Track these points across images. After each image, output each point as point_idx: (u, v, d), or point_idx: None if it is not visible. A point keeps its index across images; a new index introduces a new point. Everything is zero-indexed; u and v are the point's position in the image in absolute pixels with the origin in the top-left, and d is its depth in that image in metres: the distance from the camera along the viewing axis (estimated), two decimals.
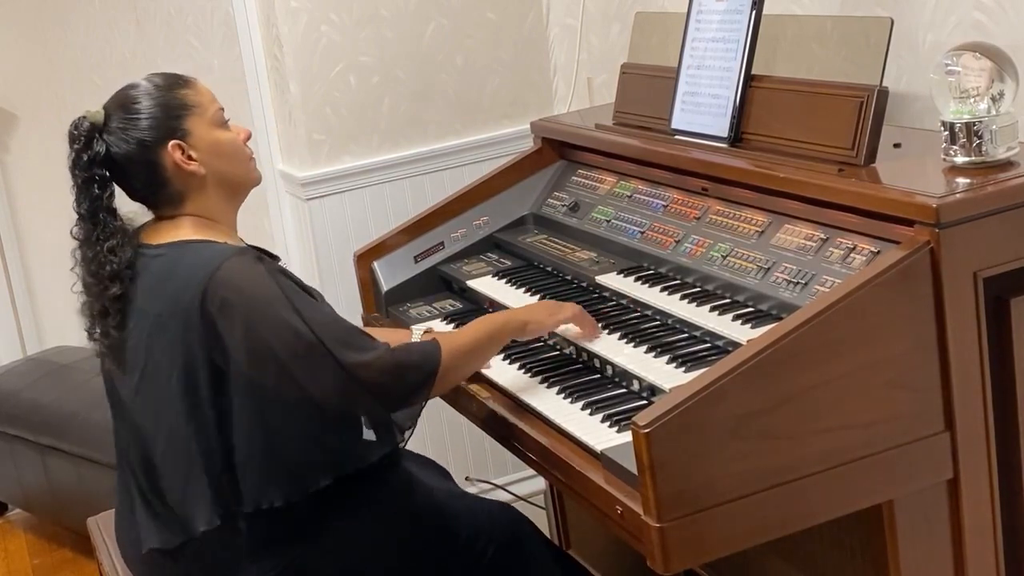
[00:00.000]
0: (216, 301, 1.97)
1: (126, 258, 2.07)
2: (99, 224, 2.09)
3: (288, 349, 1.96)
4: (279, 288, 2.00)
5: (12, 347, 4.48)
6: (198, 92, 2.14)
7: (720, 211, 2.31)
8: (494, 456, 3.57)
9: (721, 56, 2.38)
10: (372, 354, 2.00)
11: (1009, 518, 1.95)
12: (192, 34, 3.84)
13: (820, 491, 1.78)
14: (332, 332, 2.00)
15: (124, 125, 2.08)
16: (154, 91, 2.11)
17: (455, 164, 3.46)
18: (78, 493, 3.68)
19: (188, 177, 2.10)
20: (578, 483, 1.92)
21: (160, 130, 2.08)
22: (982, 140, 1.90)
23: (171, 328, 2.00)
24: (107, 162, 2.08)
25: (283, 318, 1.97)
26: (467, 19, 3.44)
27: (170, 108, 2.10)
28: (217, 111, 2.15)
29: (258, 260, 2.04)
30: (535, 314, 2.22)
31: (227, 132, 2.16)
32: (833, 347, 1.76)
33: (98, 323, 2.09)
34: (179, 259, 2.05)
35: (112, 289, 2.06)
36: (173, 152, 2.08)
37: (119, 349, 2.08)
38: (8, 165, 4.43)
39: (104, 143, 2.08)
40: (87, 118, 2.10)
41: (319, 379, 1.97)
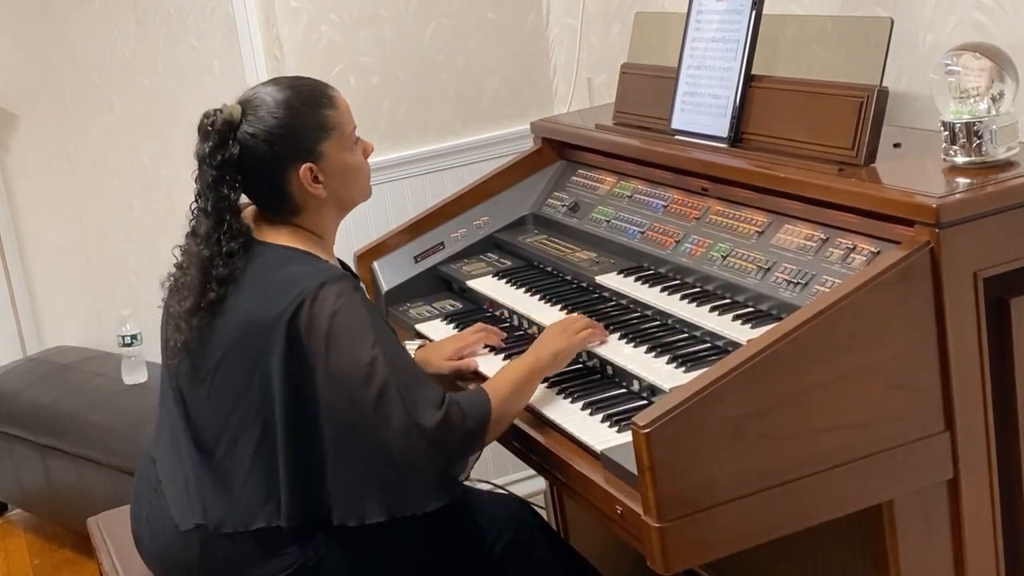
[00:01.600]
0: (307, 320, 1.96)
1: (240, 265, 2.04)
2: (223, 224, 2.03)
3: (362, 380, 1.95)
4: (370, 320, 1.99)
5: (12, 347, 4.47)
6: (339, 112, 2.10)
7: (720, 211, 2.31)
8: (494, 456, 3.56)
9: (721, 56, 2.38)
10: (440, 410, 1.98)
11: (1009, 518, 1.95)
12: (192, 34, 3.84)
13: (820, 491, 1.78)
14: (407, 376, 1.99)
15: (259, 133, 2.04)
16: (297, 104, 2.06)
17: (455, 164, 3.46)
18: (78, 493, 3.68)
19: (309, 197, 2.09)
20: (578, 483, 1.93)
21: (295, 150, 2.05)
22: (982, 140, 1.90)
23: (258, 331, 1.99)
24: (238, 165, 2.04)
25: (365, 350, 1.96)
26: (467, 19, 3.44)
27: (310, 128, 2.06)
28: (352, 132, 2.12)
29: (356, 289, 2.03)
30: (557, 342, 2.17)
31: (356, 156, 2.13)
32: (833, 347, 1.76)
33: (186, 316, 2.04)
34: (280, 266, 2.04)
35: (213, 293, 2.02)
36: (304, 175, 2.06)
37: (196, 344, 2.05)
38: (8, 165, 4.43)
39: (239, 145, 2.03)
40: (223, 113, 2.05)
41: (386, 416, 1.96)
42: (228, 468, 2.05)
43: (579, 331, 2.19)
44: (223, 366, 2.04)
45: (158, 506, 2.14)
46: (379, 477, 2.01)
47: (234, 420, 2.04)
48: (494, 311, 2.62)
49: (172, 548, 2.12)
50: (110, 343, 4.02)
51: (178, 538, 2.10)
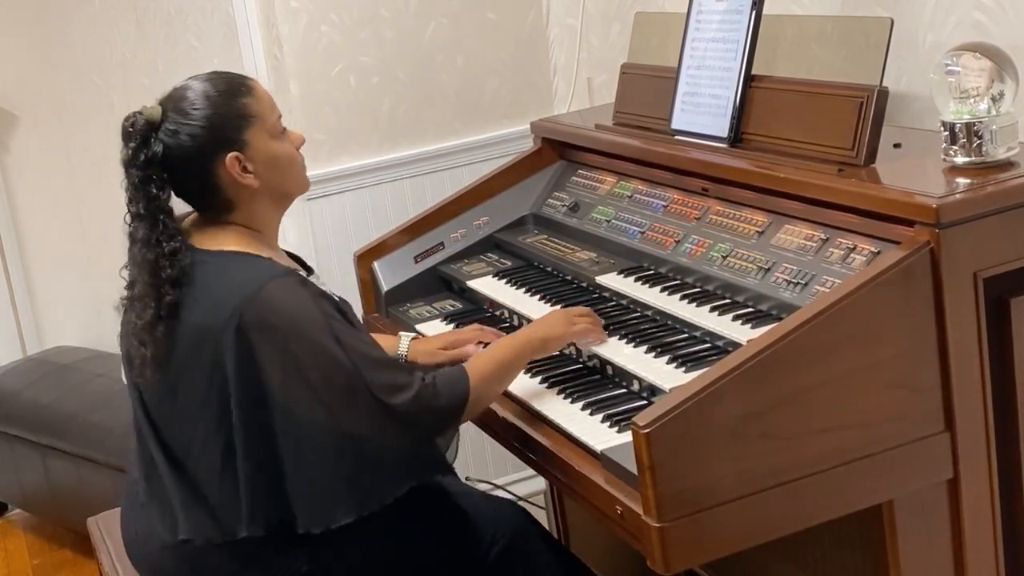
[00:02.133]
0: (255, 322, 1.93)
1: (186, 264, 2.02)
2: (158, 225, 2.03)
3: (324, 377, 1.93)
4: (321, 314, 1.97)
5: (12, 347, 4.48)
6: (259, 100, 2.08)
7: (720, 211, 2.31)
8: (494, 456, 3.57)
9: (721, 56, 2.38)
10: (408, 388, 1.97)
11: (1009, 518, 1.95)
12: (192, 34, 3.84)
13: (820, 491, 1.78)
14: (369, 361, 1.97)
15: (181, 128, 2.03)
16: (215, 96, 2.05)
17: (455, 164, 3.46)
18: (78, 493, 3.68)
19: (241, 188, 2.07)
20: (578, 483, 1.92)
21: (218, 141, 2.03)
22: (982, 140, 1.90)
23: (208, 341, 1.97)
24: (163, 163, 2.04)
25: (322, 344, 1.94)
26: (467, 19, 3.44)
27: (230, 117, 2.05)
28: (276, 120, 2.10)
29: (302, 283, 2.01)
30: (552, 328, 2.19)
31: (284, 144, 2.11)
32: (833, 347, 1.76)
33: (148, 328, 2.01)
34: (223, 271, 2.02)
35: (169, 296, 2.00)
36: (231, 165, 2.04)
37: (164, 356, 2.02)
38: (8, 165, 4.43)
39: (160, 143, 2.03)
40: (143, 115, 2.05)
41: (352, 410, 1.95)
42: (201, 481, 2.02)
43: (577, 323, 2.20)
44: (183, 380, 2.02)
45: (146, 522, 2.13)
46: (345, 477, 1.98)
47: (200, 432, 2.01)
48: (494, 311, 2.62)
49: (164, 562, 2.11)
50: (110, 343, 4.01)
51: (169, 553, 2.08)
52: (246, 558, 2.04)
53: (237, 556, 2.04)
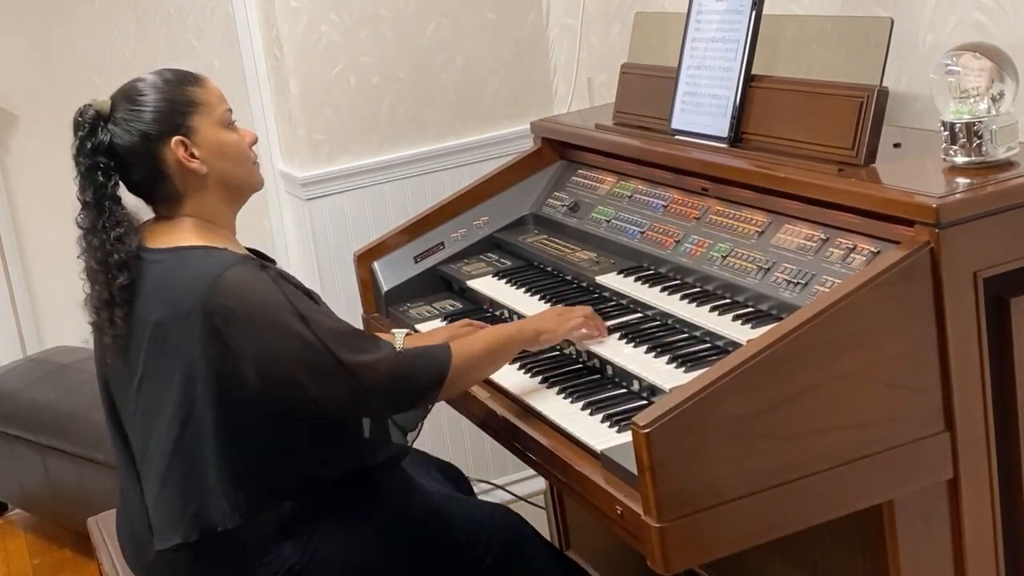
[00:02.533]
0: (220, 311, 1.95)
1: (133, 247, 2.05)
2: (104, 212, 2.07)
3: (295, 357, 1.95)
4: (283, 295, 1.99)
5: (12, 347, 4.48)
6: (207, 90, 2.13)
7: (720, 211, 2.31)
8: (494, 456, 3.57)
9: (721, 56, 2.38)
10: (377, 355, 2.00)
11: (1009, 518, 1.95)
12: (192, 34, 3.84)
13: (820, 491, 1.78)
14: (337, 336, 1.99)
15: (129, 116, 2.07)
16: (162, 85, 2.10)
17: (455, 164, 3.46)
18: (78, 493, 3.68)
19: (189, 175, 2.08)
20: (578, 483, 1.92)
21: (164, 124, 2.06)
22: (982, 140, 1.90)
23: (172, 336, 1.98)
24: (110, 152, 2.07)
25: (289, 326, 1.96)
26: (467, 19, 3.44)
27: (176, 103, 2.08)
28: (224, 112, 2.13)
29: (261, 268, 2.02)
30: (547, 323, 2.21)
31: (232, 134, 2.14)
32: (833, 347, 1.76)
33: (104, 312, 2.06)
34: (179, 266, 2.03)
35: (120, 279, 2.04)
36: (176, 148, 2.06)
37: (124, 345, 2.06)
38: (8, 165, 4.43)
39: (108, 132, 2.07)
40: (92, 106, 2.09)
41: (326, 385, 1.97)
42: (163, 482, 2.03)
43: (574, 321, 2.20)
44: (144, 380, 2.03)
45: (138, 530, 2.13)
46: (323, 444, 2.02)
47: (157, 432, 2.02)
48: (494, 311, 2.62)
49: (159, 566, 2.11)
50: None
51: (162, 557, 2.08)
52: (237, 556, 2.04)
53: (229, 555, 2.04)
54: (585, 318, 2.22)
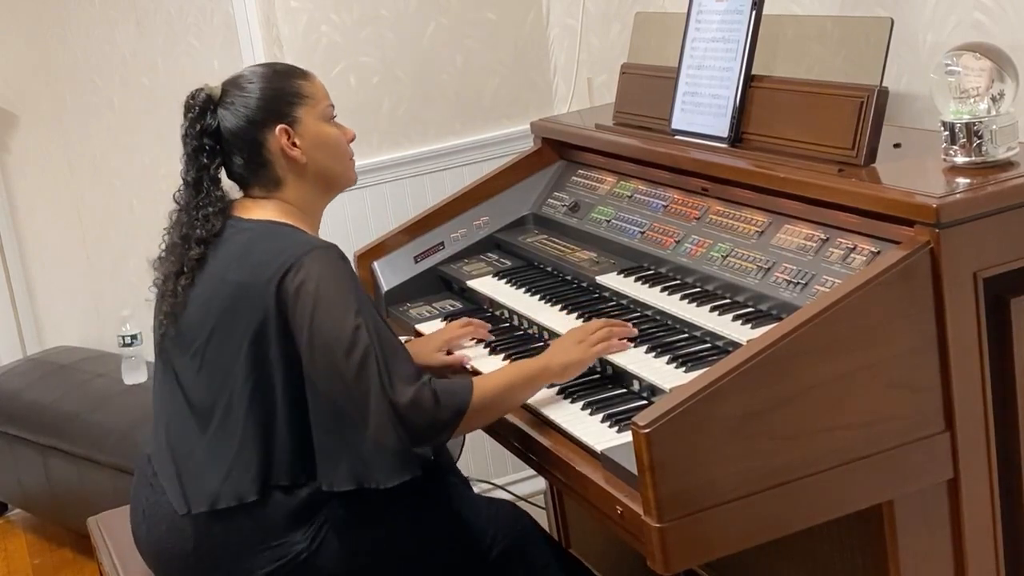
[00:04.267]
0: (294, 286, 2.01)
1: (218, 226, 2.13)
2: (202, 191, 2.15)
3: (344, 348, 1.99)
4: (354, 290, 2.05)
5: (12, 347, 4.48)
6: (313, 85, 2.21)
7: (720, 211, 2.31)
8: (494, 456, 3.57)
9: (721, 56, 2.38)
10: (413, 386, 2.00)
11: (1009, 518, 1.95)
12: (192, 34, 3.84)
13: (820, 491, 1.78)
14: (387, 348, 2.02)
15: (237, 101, 2.15)
16: (271, 75, 2.19)
17: (455, 164, 3.46)
18: (78, 493, 3.68)
19: (289, 163, 2.17)
20: (578, 483, 1.92)
21: (270, 112, 2.15)
22: (982, 140, 1.90)
23: (248, 299, 2.04)
24: (217, 135, 2.16)
25: (349, 316, 2.00)
26: (467, 19, 3.44)
27: (284, 93, 2.17)
28: (328, 107, 2.22)
29: (341, 258, 2.08)
30: (571, 354, 2.14)
31: (334, 129, 2.22)
32: (833, 347, 1.76)
33: (170, 281, 2.13)
34: (269, 236, 2.11)
35: (195, 251, 2.11)
36: (280, 136, 2.15)
37: (182, 310, 2.12)
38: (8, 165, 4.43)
39: (217, 116, 2.15)
40: (204, 90, 2.17)
41: (364, 386, 1.99)
42: (221, 439, 2.07)
43: (596, 343, 2.15)
44: (213, 337, 2.09)
45: (154, 499, 2.16)
46: (350, 446, 2.03)
47: (226, 390, 2.07)
48: (494, 311, 2.62)
49: (167, 540, 2.12)
50: (110, 343, 4.02)
51: (173, 528, 2.10)
52: (248, 536, 2.06)
53: (240, 533, 2.06)
54: (607, 332, 2.17)
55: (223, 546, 2.08)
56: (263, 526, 2.06)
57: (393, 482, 2.03)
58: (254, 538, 2.06)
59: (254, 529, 2.06)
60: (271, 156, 2.16)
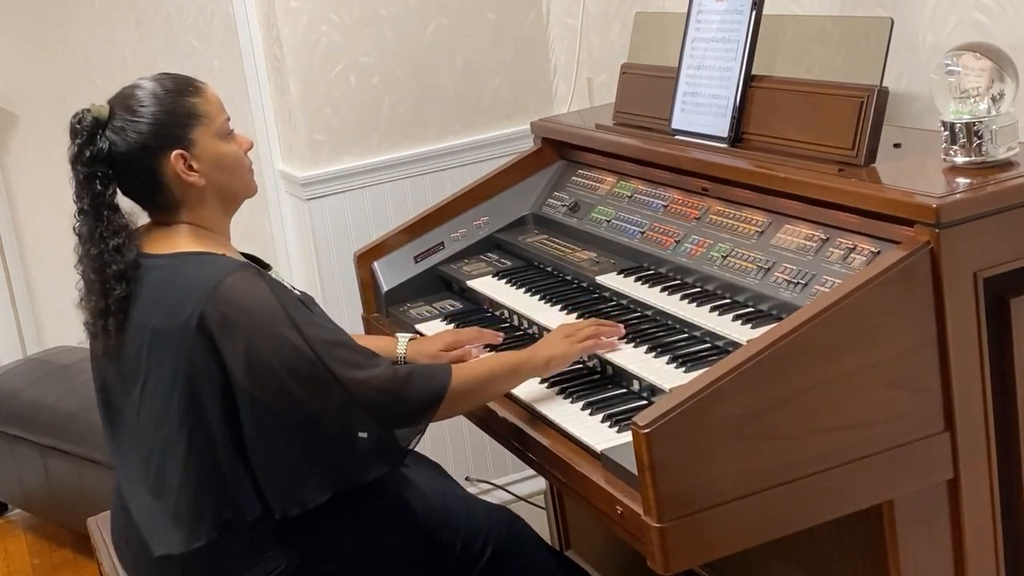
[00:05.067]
0: (216, 317, 1.95)
1: (131, 258, 2.05)
2: (103, 221, 2.06)
3: (287, 366, 1.95)
4: (280, 304, 1.98)
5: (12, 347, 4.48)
6: (207, 101, 2.11)
7: (720, 211, 2.31)
8: (494, 456, 3.57)
9: (721, 56, 2.38)
10: (371, 372, 1.98)
11: (1009, 518, 1.95)
12: (192, 34, 3.84)
13: (820, 491, 1.78)
14: (331, 347, 1.98)
15: (127, 126, 2.05)
16: (162, 95, 2.07)
17: (455, 164, 3.46)
18: (78, 493, 3.68)
19: (187, 187, 2.08)
20: (578, 483, 1.92)
21: (164, 137, 2.05)
22: (982, 140, 1.90)
23: (171, 341, 1.98)
24: (109, 160, 2.05)
25: (283, 335, 1.95)
26: (467, 19, 3.44)
27: (177, 116, 2.07)
28: (224, 122, 2.12)
29: (259, 275, 2.02)
30: (555, 347, 2.16)
31: (230, 145, 2.13)
32: (833, 347, 1.76)
33: (99, 321, 2.06)
34: (178, 272, 2.03)
35: (117, 290, 2.04)
36: (175, 162, 2.06)
37: (118, 354, 2.06)
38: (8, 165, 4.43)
39: (107, 140, 2.05)
40: (91, 112, 2.07)
41: (318, 396, 1.96)
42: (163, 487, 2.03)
43: (583, 340, 2.16)
44: (147, 385, 2.03)
45: (133, 532, 2.12)
46: (314, 458, 2.01)
47: (161, 436, 2.02)
48: (494, 311, 2.62)
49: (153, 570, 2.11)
50: None
51: (155, 564, 2.08)
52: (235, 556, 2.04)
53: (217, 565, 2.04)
54: (595, 330, 2.18)
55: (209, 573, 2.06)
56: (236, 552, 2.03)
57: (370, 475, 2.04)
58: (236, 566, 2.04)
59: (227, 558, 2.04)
60: (167, 181, 2.07)
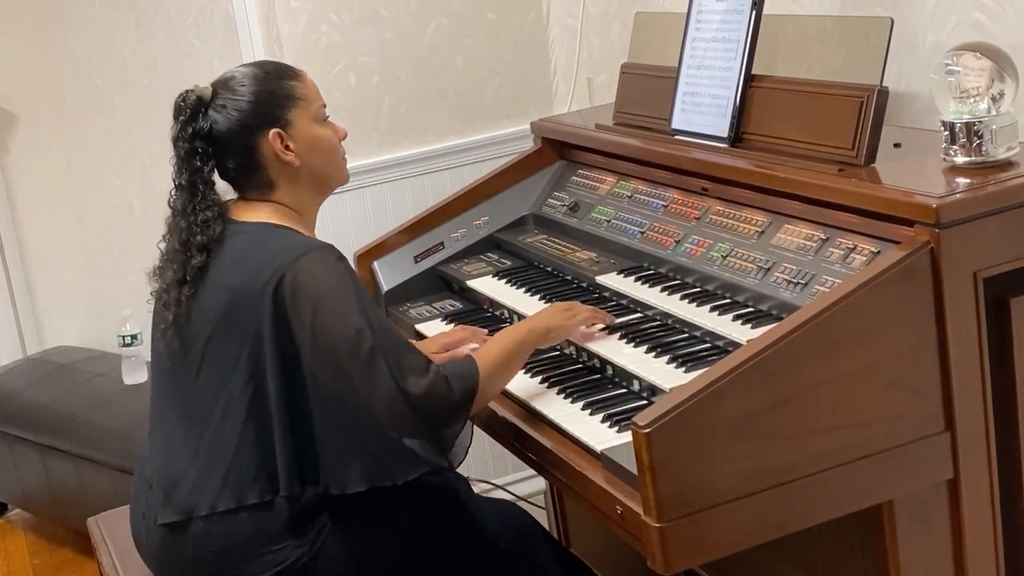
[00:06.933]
0: (291, 288, 2.00)
1: (218, 231, 2.09)
2: (197, 195, 2.10)
3: (349, 347, 1.98)
4: (354, 289, 2.03)
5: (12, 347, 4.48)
6: (305, 85, 2.18)
7: (720, 211, 2.31)
8: (494, 456, 3.57)
9: (721, 56, 2.38)
10: (425, 377, 1.99)
11: (1009, 518, 1.95)
12: (192, 34, 3.84)
13: (820, 491, 1.78)
14: (393, 344, 2.01)
15: (228, 103, 2.12)
16: (263, 76, 2.15)
17: (455, 164, 3.46)
18: (78, 493, 3.68)
19: (283, 166, 2.14)
20: (578, 483, 1.92)
21: (263, 116, 2.12)
22: (982, 140, 1.90)
23: (245, 305, 2.03)
24: (209, 137, 2.12)
25: (351, 317, 1.99)
26: (467, 19, 3.44)
27: (276, 96, 2.14)
28: (320, 107, 2.19)
29: (339, 258, 2.06)
30: (555, 319, 2.21)
31: (326, 130, 2.20)
32: (833, 347, 1.76)
33: (173, 289, 2.10)
34: (264, 239, 2.09)
35: (197, 259, 2.08)
36: (273, 140, 2.12)
37: (186, 319, 2.09)
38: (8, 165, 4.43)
39: (209, 119, 2.12)
40: (194, 91, 2.14)
41: (372, 383, 1.98)
42: (218, 444, 2.06)
43: (583, 315, 2.22)
44: (212, 342, 2.07)
45: (153, 502, 2.15)
46: (361, 445, 2.03)
47: (224, 394, 2.05)
48: (494, 311, 2.62)
49: (168, 544, 2.12)
50: (110, 343, 4.02)
51: (171, 534, 2.09)
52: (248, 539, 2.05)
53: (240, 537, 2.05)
54: (592, 312, 2.24)
55: (221, 552, 2.07)
56: (261, 532, 2.05)
57: (410, 476, 2.06)
58: (252, 544, 2.05)
59: (252, 535, 2.05)
60: (264, 159, 2.13)
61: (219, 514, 2.05)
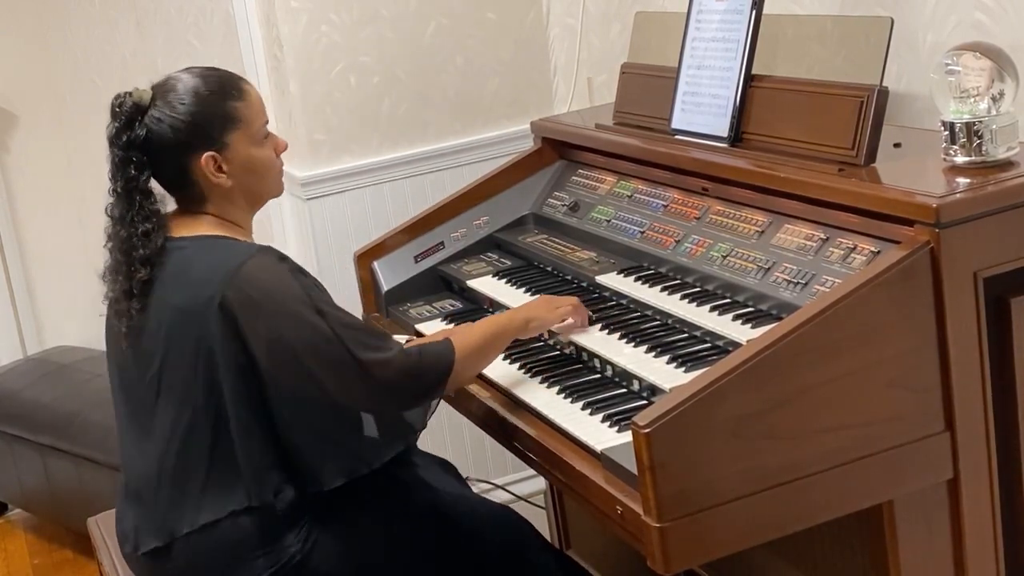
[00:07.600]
0: (238, 298, 1.99)
1: (159, 244, 2.07)
2: (134, 205, 2.07)
3: (308, 346, 1.98)
4: (300, 287, 2.02)
5: (12, 347, 4.48)
6: (248, 105, 2.13)
7: (720, 211, 2.31)
8: (494, 456, 3.57)
9: (721, 56, 2.38)
10: (389, 353, 2.02)
11: (1009, 518, 1.95)
12: (192, 34, 3.84)
13: (820, 491, 1.78)
14: (351, 331, 2.02)
15: (165, 118, 2.07)
16: (205, 95, 2.09)
17: (455, 164, 3.46)
18: (78, 493, 3.68)
19: (214, 186, 2.11)
20: (578, 483, 1.92)
21: (198, 137, 2.08)
22: (982, 140, 1.90)
23: (192, 322, 2.01)
24: (144, 147, 2.07)
25: (304, 317, 1.99)
26: (467, 19, 3.44)
27: (214, 118, 2.09)
28: (261, 126, 2.15)
29: (280, 259, 2.06)
30: (536, 311, 2.25)
31: (263, 150, 2.15)
32: (833, 347, 1.76)
33: (123, 303, 2.08)
34: (203, 253, 2.07)
35: (141, 273, 2.05)
36: (206, 163, 2.08)
37: (139, 334, 2.08)
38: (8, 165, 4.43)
39: (144, 127, 2.07)
40: (132, 96, 2.09)
41: (337, 376, 1.99)
42: (190, 464, 2.05)
43: (563, 309, 2.25)
44: (165, 368, 2.05)
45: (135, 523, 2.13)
46: (332, 440, 2.05)
47: (185, 416, 2.04)
48: (494, 311, 2.62)
49: (155, 570, 2.12)
50: None
51: (156, 558, 2.09)
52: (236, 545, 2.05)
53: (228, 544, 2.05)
54: (573, 306, 2.27)
55: (215, 559, 2.06)
56: (251, 537, 2.05)
57: (385, 457, 2.08)
58: (244, 547, 2.05)
59: (243, 539, 2.05)
60: (195, 178, 2.10)
61: (199, 530, 2.04)
